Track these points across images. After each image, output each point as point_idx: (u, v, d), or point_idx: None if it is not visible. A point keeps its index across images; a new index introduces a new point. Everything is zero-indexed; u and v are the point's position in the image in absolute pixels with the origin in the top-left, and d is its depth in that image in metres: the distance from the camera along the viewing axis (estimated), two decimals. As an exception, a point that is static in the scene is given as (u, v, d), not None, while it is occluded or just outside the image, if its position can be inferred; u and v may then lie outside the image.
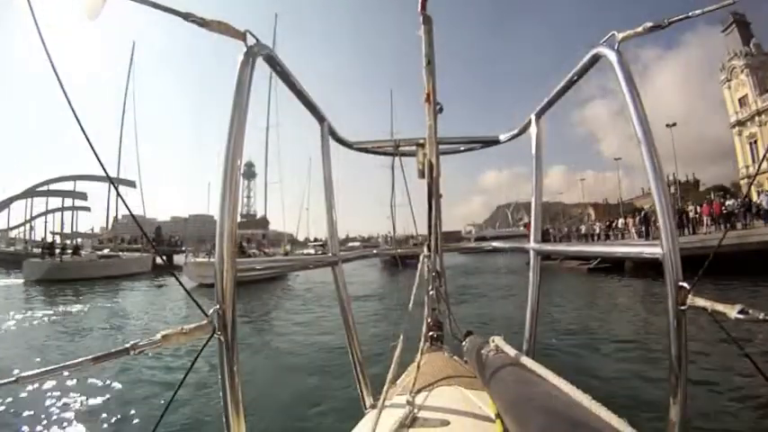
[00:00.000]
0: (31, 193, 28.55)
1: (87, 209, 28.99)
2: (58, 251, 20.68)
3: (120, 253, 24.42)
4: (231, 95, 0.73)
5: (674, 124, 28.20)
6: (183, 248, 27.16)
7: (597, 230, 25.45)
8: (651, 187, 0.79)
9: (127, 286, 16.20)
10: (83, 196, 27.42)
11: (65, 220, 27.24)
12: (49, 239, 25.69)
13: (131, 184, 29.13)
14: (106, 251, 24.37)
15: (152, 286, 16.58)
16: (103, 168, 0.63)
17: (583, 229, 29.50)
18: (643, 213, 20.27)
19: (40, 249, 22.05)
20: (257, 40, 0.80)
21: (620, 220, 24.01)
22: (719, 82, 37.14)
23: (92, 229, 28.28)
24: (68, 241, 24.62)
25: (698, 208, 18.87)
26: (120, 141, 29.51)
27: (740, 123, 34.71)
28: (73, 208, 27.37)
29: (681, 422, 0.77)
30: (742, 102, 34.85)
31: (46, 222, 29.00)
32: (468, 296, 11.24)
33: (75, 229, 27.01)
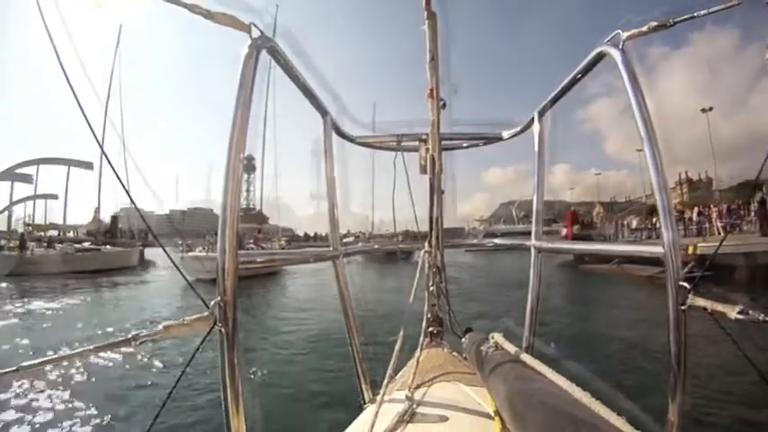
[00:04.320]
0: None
1: (54, 197, 28.84)
2: (32, 244, 20.95)
3: (102, 247, 24.68)
4: (235, 88, 0.79)
5: (711, 109, 27.49)
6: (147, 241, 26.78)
7: (658, 225, 22.76)
8: (654, 187, 0.85)
9: (104, 282, 15.82)
10: (27, 179, 27.08)
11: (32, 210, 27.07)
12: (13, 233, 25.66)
13: (88, 165, 28.54)
14: (86, 244, 24.60)
15: (135, 282, 16.49)
16: (101, 149, 0.70)
17: (634, 223, 26.28)
18: (760, 197, 16.44)
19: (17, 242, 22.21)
20: (261, 32, 0.86)
21: (695, 211, 20.29)
22: (765, 60, 36.10)
23: (31, 217, 27.96)
24: (43, 233, 24.88)
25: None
26: (105, 124, 29.18)
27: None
28: (35, 197, 27.07)
29: (680, 421, 0.84)
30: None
31: (10, 214, 28.92)
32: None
33: (40, 221, 26.91)
